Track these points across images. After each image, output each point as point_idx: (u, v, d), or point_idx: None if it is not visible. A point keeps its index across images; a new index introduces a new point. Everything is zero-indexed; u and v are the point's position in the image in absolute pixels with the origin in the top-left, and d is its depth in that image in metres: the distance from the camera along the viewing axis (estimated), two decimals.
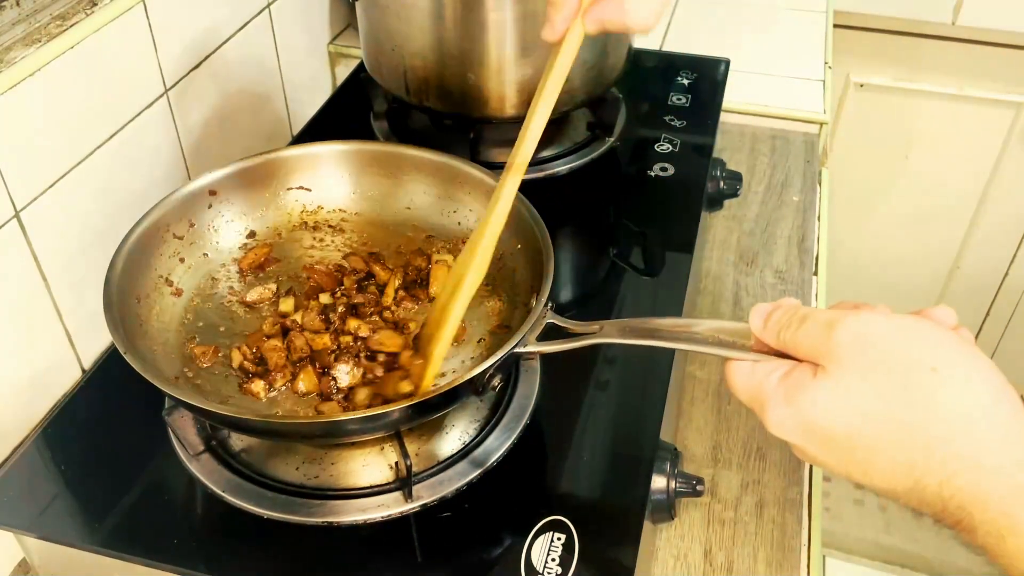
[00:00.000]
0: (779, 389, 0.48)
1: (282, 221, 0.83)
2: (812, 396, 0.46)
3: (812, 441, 0.47)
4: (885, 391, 0.44)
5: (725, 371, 0.53)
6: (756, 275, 1.01)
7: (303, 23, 1.20)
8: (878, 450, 0.44)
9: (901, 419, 0.43)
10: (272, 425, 0.65)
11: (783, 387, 0.48)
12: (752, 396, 0.50)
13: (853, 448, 0.45)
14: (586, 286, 0.91)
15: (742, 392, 0.51)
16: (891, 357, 0.44)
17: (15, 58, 0.73)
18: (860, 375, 0.45)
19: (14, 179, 0.73)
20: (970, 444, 0.42)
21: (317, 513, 0.65)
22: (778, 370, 0.49)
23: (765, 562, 0.74)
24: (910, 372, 0.44)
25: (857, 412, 0.45)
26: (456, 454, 0.69)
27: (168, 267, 0.75)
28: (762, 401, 0.49)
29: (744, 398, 0.51)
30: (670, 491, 0.69)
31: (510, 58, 0.90)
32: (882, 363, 0.44)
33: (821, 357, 0.47)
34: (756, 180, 1.14)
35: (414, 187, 0.84)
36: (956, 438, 0.42)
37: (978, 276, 1.86)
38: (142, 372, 0.60)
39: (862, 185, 1.78)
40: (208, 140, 1.00)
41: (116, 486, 0.69)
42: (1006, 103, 1.63)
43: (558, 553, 0.62)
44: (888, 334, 0.45)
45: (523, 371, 0.76)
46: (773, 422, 0.48)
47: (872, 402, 0.44)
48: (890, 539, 1.89)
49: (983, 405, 0.42)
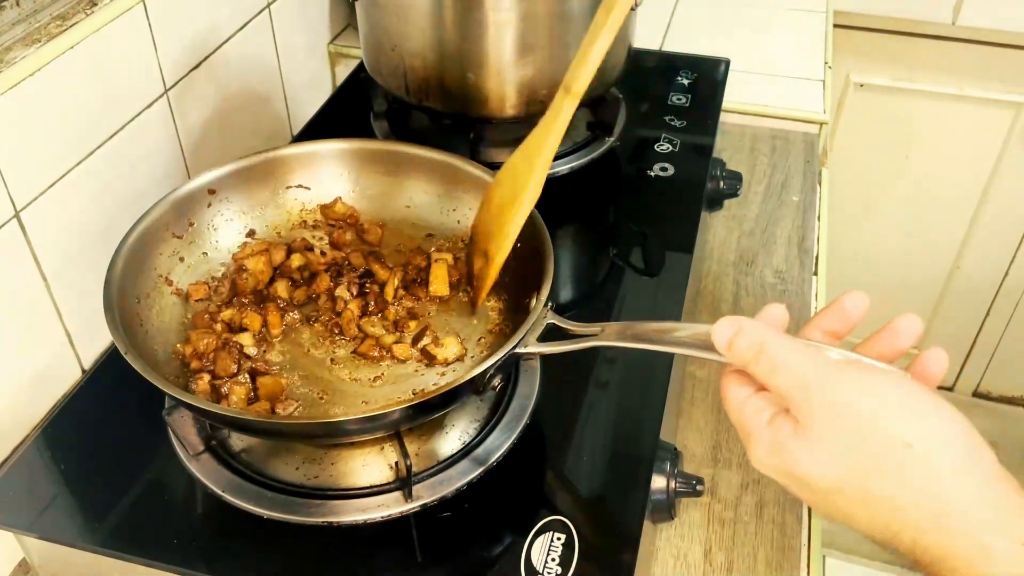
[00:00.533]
0: (764, 435, 0.49)
1: (281, 220, 0.83)
2: (793, 455, 0.47)
3: (794, 486, 0.49)
4: (859, 467, 0.45)
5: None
6: (756, 275, 1.01)
7: (303, 23, 1.20)
8: (855, 505, 0.46)
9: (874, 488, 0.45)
10: (272, 425, 0.65)
11: (768, 434, 0.49)
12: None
13: (833, 502, 0.47)
14: (586, 286, 0.91)
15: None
16: (865, 430, 0.45)
17: (15, 58, 0.73)
18: (834, 443, 0.46)
19: (14, 179, 0.73)
20: (940, 508, 0.44)
21: (317, 513, 0.65)
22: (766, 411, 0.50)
23: (765, 562, 0.74)
24: (883, 447, 0.45)
25: (834, 476, 0.46)
26: (456, 454, 0.69)
27: (168, 266, 0.75)
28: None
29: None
30: (670, 491, 0.69)
31: (510, 58, 0.90)
32: (856, 435, 0.45)
33: (795, 411, 0.48)
34: (756, 180, 1.14)
35: (414, 186, 0.84)
36: (926, 504, 0.44)
37: (978, 276, 1.86)
38: (143, 372, 0.60)
39: (862, 185, 1.78)
40: (208, 140, 1.00)
41: (116, 486, 0.69)
42: (1006, 103, 1.63)
43: (558, 553, 0.62)
44: (863, 409, 0.46)
45: (523, 371, 0.76)
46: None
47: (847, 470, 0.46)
48: None
49: (955, 473, 0.44)
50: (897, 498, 0.45)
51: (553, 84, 0.92)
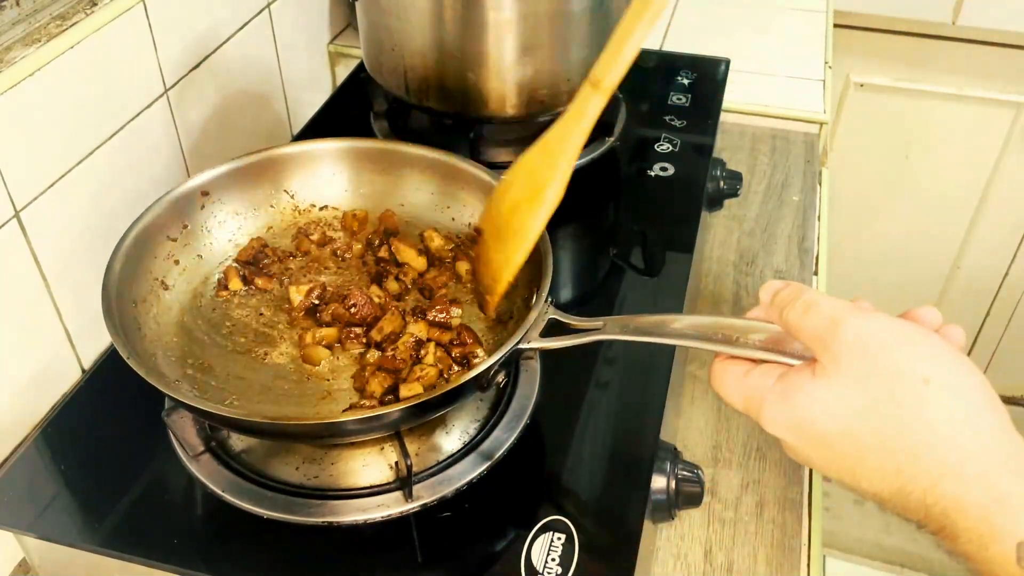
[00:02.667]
0: (776, 388, 0.49)
1: (275, 220, 0.83)
2: (810, 395, 0.47)
3: (805, 439, 0.48)
4: (878, 396, 0.45)
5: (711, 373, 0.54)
6: (756, 275, 1.01)
7: (303, 23, 1.20)
8: (868, 451, 0.46)
9: (891, 424, 0.45)
10: (272, 425, 0.65)
11: (780, 386, 0.49)
12: (746, 393, 0.51)
13: (844, 449, 0.47)
14: (586, 286, 0.91)
15: (734, 388, 0.52)
16: (887, 363, 0.46)
17: (15, 58, 0.73)
18: (855, 377, 0.46)
19: (14, 179, 0.73)
20: (954, 452, 0.43)
21: (317, 513, 0.65)
22: (775, 371, 0.50)
23: (765, 562, 0.74)
24: (903, 380, 0.45)
25: (850, 413, 0.46)
26: (456, 454, 0.69)
27: (163, 269, 0.75)
28: (755, 399, 0.50)
29: (734, 395, 0.52)
30: (670, 491, 0.69)
31: (510, 58, 0.90)
32: (878, 368, 0.46)
33: (820, 350, 0.48)
34: (756, 180, 1.14)
35: (409, 184, 0.84)
36: (940, 445, 0.44)
37: (978, 276, 1.86)
38: (145, 376, 0.60)
39: (862, 185, 1.78)
40: (208, 140, 1.00)
41: (116, 486, 0.69)
42: (1006, 103, 1.63)
43: (558, 553, 0.62)
44: (888, 340, 0.46)
45: (523, 371, 0.76)
46: (768, 418, 0.50)
47: (865, 405, 0.45)
48: (890, 539, 1.89)
49: (970, 416, 0.44)
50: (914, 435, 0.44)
51: (553, 84, 0.93)
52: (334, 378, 0.70)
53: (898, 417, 0.44)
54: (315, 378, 0.70)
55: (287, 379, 0.70)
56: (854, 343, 0.46)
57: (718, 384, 0.54)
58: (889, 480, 0.45)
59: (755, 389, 0.51)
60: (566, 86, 0.94)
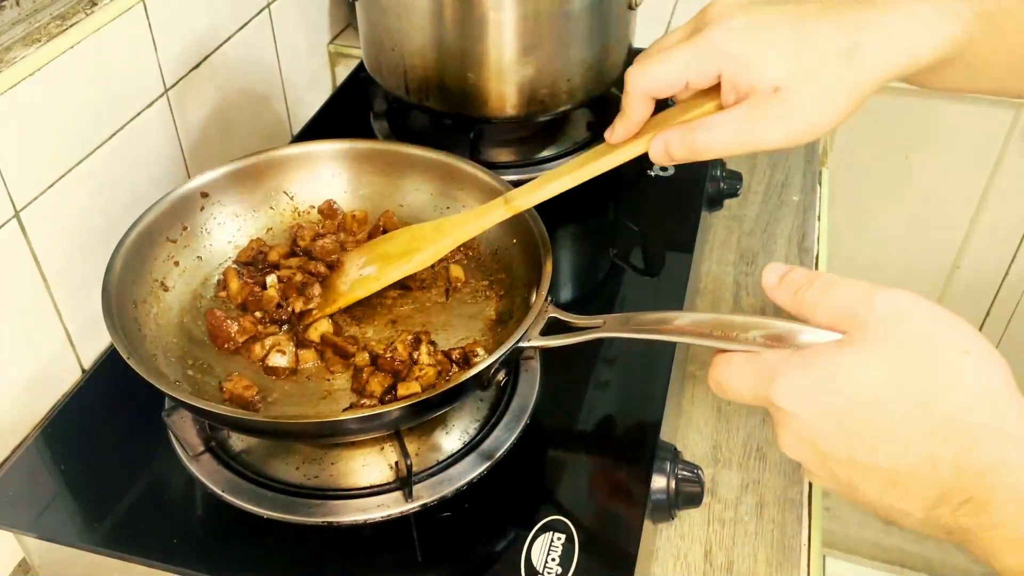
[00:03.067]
0: (794, 357, 0.48)
1: (275, 221, 0.83)
2: (834, 361, 0.46)
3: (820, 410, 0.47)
4: (916, 363, 0.45)
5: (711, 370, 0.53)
6: (756, 275, 1.01)
7: (303, 23, 1.20)
8: (897, 416, 0.45)
9: (928, 389, 0.44)
10: (272, 424, 0.65)
11: (799, 356, 0.48)
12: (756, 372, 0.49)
13: (869, 416, 0.45)
14: (586, 286, 0.91)
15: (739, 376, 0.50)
16: (926, 334, 0.46)
17: (15, 58, 0.73)
18: (892, 345, 0.46)
19: (14, 179, 0.73)
20: (994, 413, 0.44)
21: (317, 513, 0.65)
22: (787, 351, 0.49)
23: (765, 562, 0.74)
24: (945, 351, 0.45)
25: (883, 378, 0.45)
26: (456, 454, 0.69)
27: (163, 271, 0.75)
28: (770, 373, 0.48)
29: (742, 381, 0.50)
30: (670, 491, 0.69)
31: (510, 58, 0.90)
32: (916, 338, 0.46)
33: (848, 322, 0.47)
34: (756, 180, 1.14)
35: (408, 185, 0.84)
36: (979, 406, 0.44)
37: (978, 276, 1.86)
38: (146, 376, 0.60)
39: (862, 185, 1.78)
40: (208, 140, 1.00)
41: (116, 486, 0.69)
42: (1006, 103, 1.63)
43: (558, 553, 0.62)
44: (925, 313, 0.47)
45: (523, 371, 0.76)
46: (781, 388, 0.48)
47: (899, 372, 0.45)
48: (890, 539, 1.89)
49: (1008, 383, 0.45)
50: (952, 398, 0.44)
51: (553, 84, 0.93)
52: (334, 378, 0.70)
53: (936, 383, 0.44)
54: (315, 378, 0.70)
55: (287, 379, 0.70)
56: (889, 315, 0.46)
57: (720, 377, 0.52)
58: (915, 449, 0.44)
59: (766, 364, 0.49)
60: (566, 86, 0.94)
